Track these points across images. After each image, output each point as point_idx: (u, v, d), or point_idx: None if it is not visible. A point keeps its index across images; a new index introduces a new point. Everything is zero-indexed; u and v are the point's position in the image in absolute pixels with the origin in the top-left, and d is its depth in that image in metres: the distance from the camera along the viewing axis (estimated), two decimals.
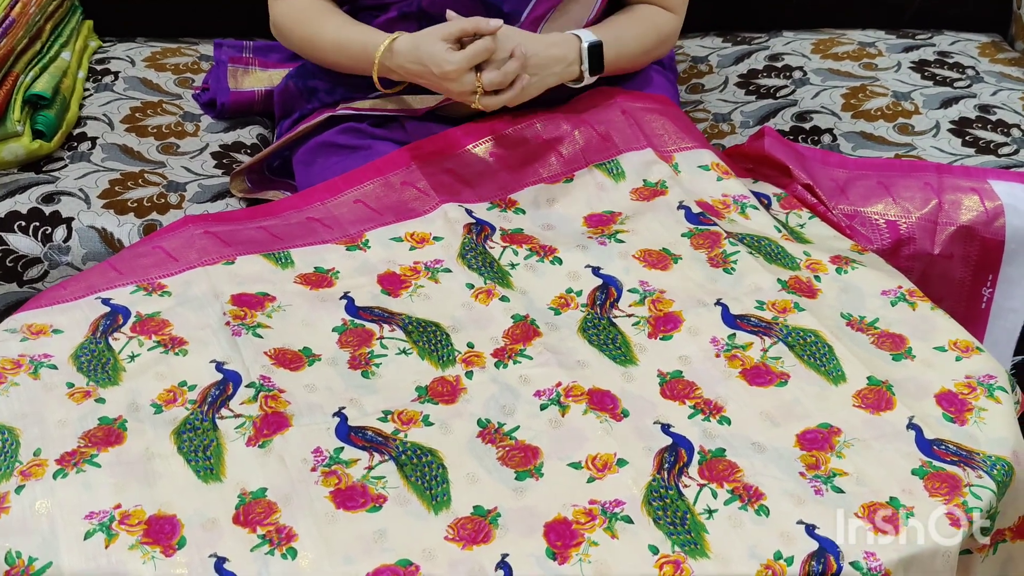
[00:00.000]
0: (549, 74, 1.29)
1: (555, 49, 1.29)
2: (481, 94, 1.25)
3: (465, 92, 1.25)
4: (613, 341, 1.10)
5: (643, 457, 0.97)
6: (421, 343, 1.10)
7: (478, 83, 1.24)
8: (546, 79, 1.29)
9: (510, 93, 1.26)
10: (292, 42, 1.41)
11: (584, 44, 1.31)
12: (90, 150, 1.50)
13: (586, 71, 1.32)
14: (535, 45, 1.28)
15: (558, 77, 1.31)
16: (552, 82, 1.31)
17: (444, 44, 1.23)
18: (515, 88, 1.26)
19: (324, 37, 1.35)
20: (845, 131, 1.55)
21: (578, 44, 1.31)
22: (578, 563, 0.88)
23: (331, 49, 1.35)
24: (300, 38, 1.39)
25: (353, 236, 1.23)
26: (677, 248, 1.21)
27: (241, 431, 0.99)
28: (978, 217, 1.33)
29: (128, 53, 1.73)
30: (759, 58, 1.76)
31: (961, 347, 1.09)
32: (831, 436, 1.00)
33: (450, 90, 1.26)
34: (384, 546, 0.89)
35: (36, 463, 0.95)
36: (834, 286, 1.17)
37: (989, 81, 1.66)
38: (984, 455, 0.97)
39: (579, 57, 1.31)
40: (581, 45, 1.31)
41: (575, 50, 1.31)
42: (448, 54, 1.23)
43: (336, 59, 1.36)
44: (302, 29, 1.38)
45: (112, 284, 1.15)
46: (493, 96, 1.26)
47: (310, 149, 1.41)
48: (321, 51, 1.37)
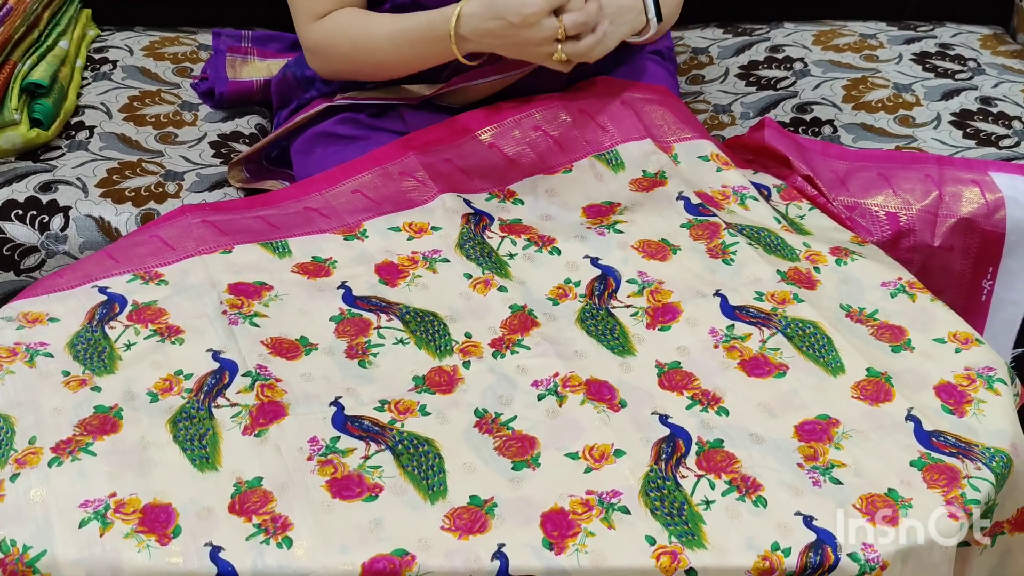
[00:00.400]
0: (623, 22, 1.26)
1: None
2: (564, 39, 1.20)
3: (547, 39, 1.19)
4: (611, 331, 1.10)
5: (641, 448, 0.97)
6: (418, 333, 1.10)
7: (560, 24, 1.19)
8: (621, 28, 1.26)
9: (593, 38, 1.21)
10: (337, 56, 1.35)
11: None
12: (88, 139, 1.49)
13: (652, 20, 1.28)
14: None
15: (630, 26, 1.27)
16: (625, 32, 1.27)
17: None
18: (597, 32, 1.21)
19: (379, 32, 1.30)
20: (846, 123, 1.55)
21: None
22: (575, 553, 0.88)
23: (389, 44, 1.30)
24: (350, 46, 1.32)
25: (351, 226, 1.23)
26: (676, 239, 1.21)
27: (237, 420, 0.99)
28: (979, 209, 1.33)
29: (126, 42, 1.72)
30: (760, 49, 1.76)
31: (961, 339, 1.08)
32: (829, 427, 0.99)
33: (529, 39, 1.20)
34: (380, 535, 0.89)
35: (31, 451, 0.95)
36: (833, 277, 1.16)
37: (990, 73, 1.65)
38: (983, 447, 0.97)
39: (643, 5, 1.28)
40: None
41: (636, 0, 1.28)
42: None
43: (395, 53, 1.30)
44: (350, 35, 1.32)
45: (109, 273, 1.15)
46: (575, 42, 1.20)
47: (308, 139, 1.41)
48: (377, 51, 1.31)
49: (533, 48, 1.22)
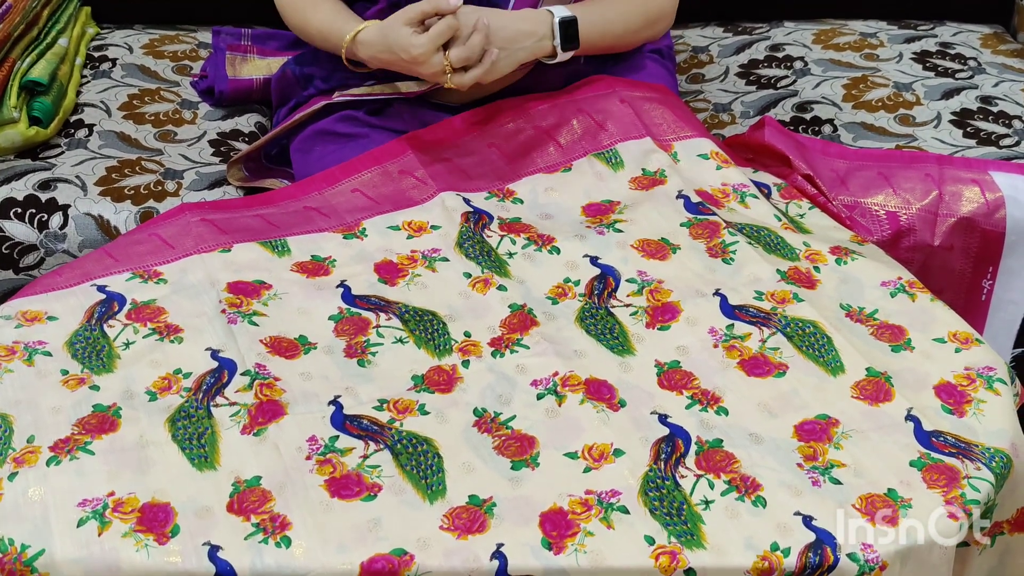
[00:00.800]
0: (519, 48, 1.29)
1: (524, 23, 1.29)
2: (451, 72, 1.25)
3: (437, 73, 1.25)
4: (611, 331, 1.10)
5: (640, 447, 0.97)
6: (418, 332, 1.09)
7: (447, 62, 1.24)
8: (516, 53, 1.29)
9: (479, 69, 1.26)
10: (288, 23, 1.43)
11: (556, 19, 1.29)
12: (87, 137, 1.49)
13: (558, 46, 1.30)
14: (502, 19, 1.27)
15: (529, 52, 1.30)
16: (523, 56, 1.30)
17: (409, 28, 1.24)
18: (484, 63, 1.26)
19: (311, 24, 1.37)
20: (846, 121, 1.54)
21: (550, 19, 1.30)
22: (573, 553, 0.88)
23: (317, 37, 1.37)
24: (293, 23, 1.41)
25: (350, 225, 1.23)
26: (676, 238, 1.21)
27: (236, 419, 0.99)
28: (979, 209, 1.32)
29: (126, 40, 1.72)
30: (760, 48, 1.75)
31: (960, 339, 1.08)
32: (829, 427, 0.99)
33: (422, 73, 1.27)
34: (379, 535, 0.89)
35: (29, 450, 0.95)
36: (833, 277, 1.16)
37: (991, 72, 1.65)
38: (983, 447, 0.97)
39: (551, 32, 1.29)
40: (553, 20, 1.30)
41: (547, 24, 1.30)
42: (413, 38, 1.23)
43: (322, 45, 1.38)
44: (292, 15, 1.40)
45: (108, 271, 1.15)
46: (463, 73, 1.26)
47: (307, 137, 1.40)
48: (311, 37, 1.39)
49: (427, 75, 1.28)
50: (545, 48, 1.31)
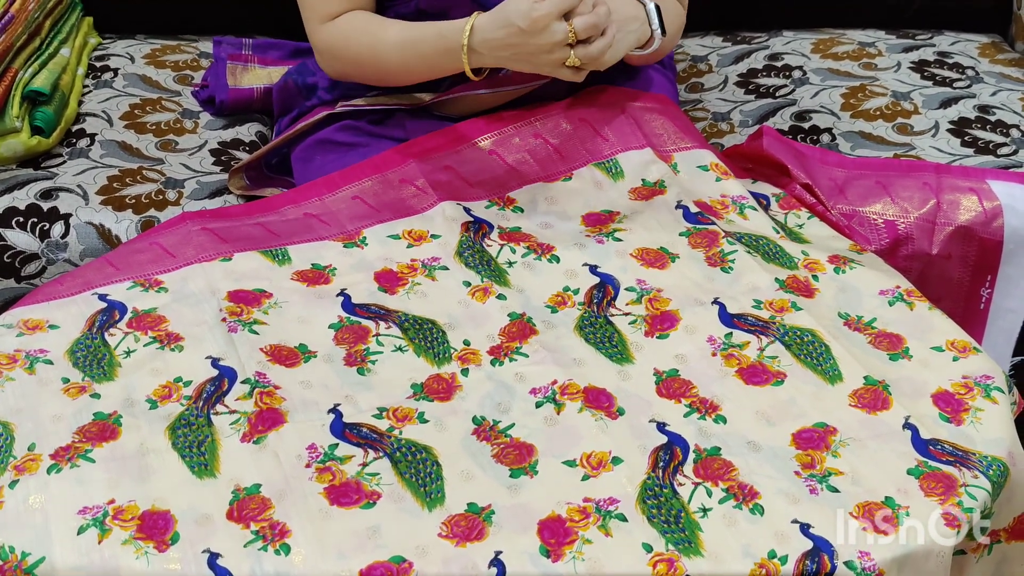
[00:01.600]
0: (630, 30, 1.27)
1: (627, 7, 1.28)
2: (575, 43, 1.20)
3: (557, 43, 1.19)
4: (610, 339, 1.10)
5: (638, 455, 0.97)
6: (417, 340, 1.10)
7: (570, 29, 1.19)
8: (628, 36, 1.27)
9: (603, 40, 1.21)
10: (347, 59, 1.35)
11: (650, 5, 1.30)
12: (89, 147, 1.50)
13: (657, 32, 1.30)
14: (611, 2, 1.24)
15: (636, 35, 1.28)
16: (632, 40, 1.28)
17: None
18: (607, 35, 1.21)
19: (387, 40, 1.30)
20: (844, 131, 1.55)
21: (643, 6, 1.30)
22: (571, 561, 0.88)
23: (396, 52, 1.30)
24: (358, 50, 1.32)
25: (351, 233, 1.23)
26: (675, 247, 1.21)
27: (236, 427, 0.99)
28: (976, 217, 1.33)
29: (128, 50, 1.73)
30: (759, 57, 1.76)
31: (958, 347, 1.08)
32: (827, 435, 0.99)
33: (540, 46, 1.20)
34: (378, 543, 0.89)
35: (30, 458, 0.95)
36: (832, 285, 1.17)
37: (989, 81, 1.65)
38: (980, 455, 0.97)
39: (647, 16, 1.29)
40: (647, 6, 1.30)
41: (642, 10, 1.29)
42: (535, 3, 1.18)
43: (402, 61, 1.30)
44: (360, 39, 1.32)
45: (109, 280, 1.15)
46: (586, 46, 1.20)
47: (308, 146, 1.41)
48: (384, 58, 1.31)
49: (544, 56, 1.21)
50: (646, 33, 1.30)
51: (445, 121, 1.39)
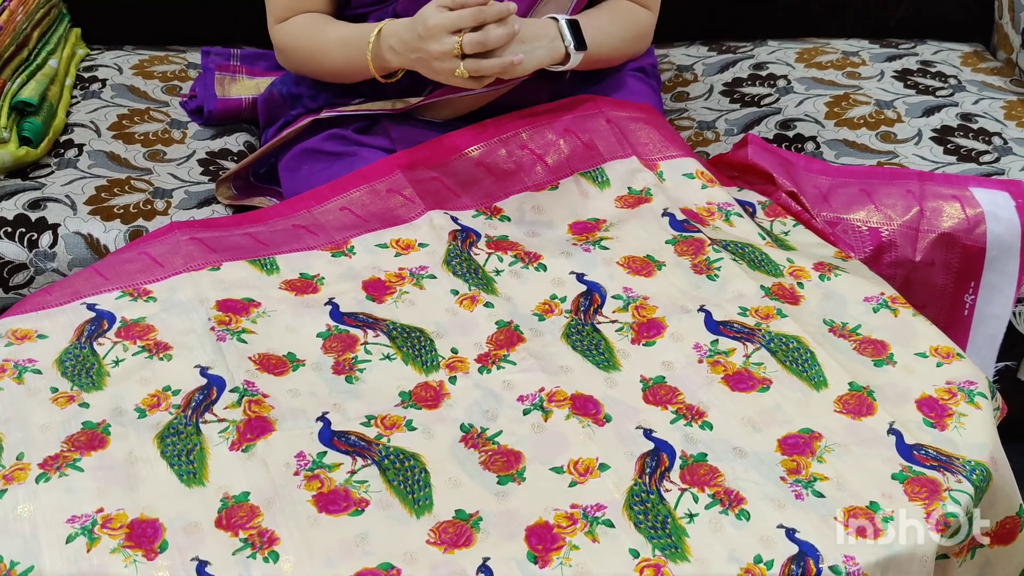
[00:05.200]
0: (536, 47, 1.28)
1: (535, 27, 1.29)
2: (461, 56, 1.23)
3: (445, 53, 1.23)
4: (596, 347, 1.11)
5: (625, 462, 0.98)
6: (405, 348, 1.10)
7: (458, 41, 1.22)
8: (535, 52, 1.28)
9: (497, 60, 1.24)
10: (296, 57, 1.41)
11: (562, 21, 1.31)
12: (77, 157, 1.50)
13: (571, 46, 1.30)
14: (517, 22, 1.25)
15: (546, 51, 1.29)
16: (541, 56, 1.29)
17: (436, 6, 1.23)
18: (502, 55, 1.24)
19: (330, 38, 1.36)
20: (828, 139, 1.56)
21: (556, 23, 1.31)
22: (559, 567, 0.89)
23: (337, 49, 1.35)
24: (307, 48, 1.38)
25: (339, 243, 1.24)
26: (661, 255, 1.22)
27: (225, 435, 0.99)
28: (959, 224, 1.34)
29: (116, 61, 1.73)
30: (744, 67, 1.77)
31: (942, 353, 1.09)
32: (812, 441, 1.00)
33: (431, 52, 1.24)
34: (366, 549, 0.89)
35: (19, 467, 0.95)
36: (817, 292, 1.18)
37: (971, 90, 1.67)
38: (963, 460, 0.98)
39: (559, 34, 1.30)
40: (559, 23, 1.31)
41: (554, 28, 1.31)
42: (436, 11, 1.22)
43: (343, 59, 1.35)
44: (308, 39, 1.38)
45: (98, 289, 1.15)
46: (477, 60, 1.23)
47: (295, 155, 1.42)
48: (329, 55, 1.36)
49: (436, 63, 1.24)
50: (558, 50, 1.30)
51: (430, 128, 1.40)
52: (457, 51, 1.23)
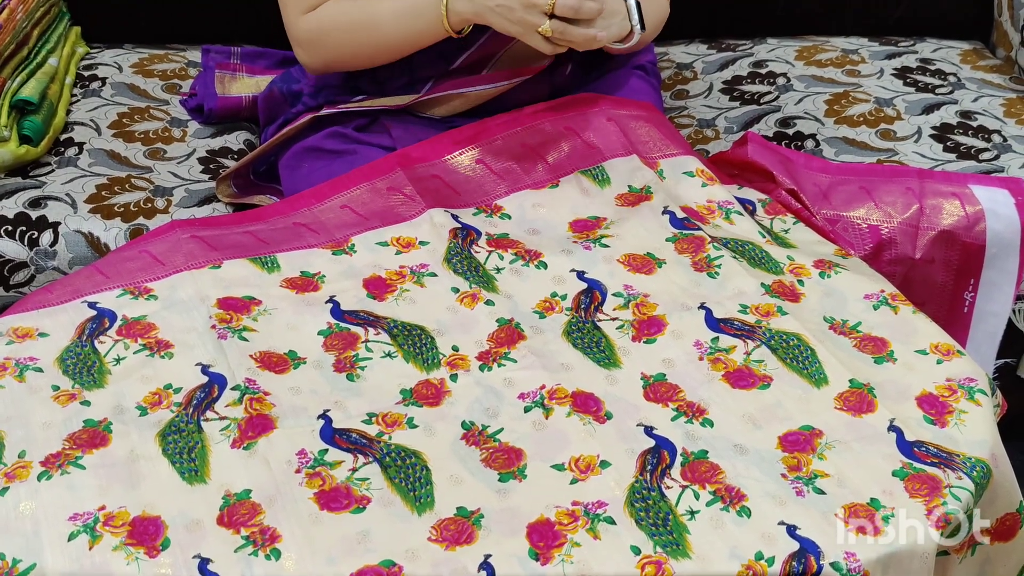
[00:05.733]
0: (612, 23, 1.27)
1: (614, 2, 1.28)
2: (551, 15, 1.22)
3: (536, 5, 1.21)
4: (597, 344, 1.11)
5: (626, 459, 0.98)
6: (406, 346, 1.10)
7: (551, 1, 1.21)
8: (609, 29, 1.27)
9: (583, 29, 1.23)
10: (333, 43, 1.35)
11: (631, 1, 1.29)
12: (77, 155, 1.50)
13: (637, 27, 1.30)
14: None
15: (618, 28, 1.28)
16: (614, 33, 1.28)
17: None
18: (590, 26, 1.23)
19: (380, 9, 1.31)
20: (828, 136, 1.56)
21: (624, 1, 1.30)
22: (560, 564, 0.89)
23: (391, 18, 1.31)
24: (348, 29, 1.33)
25: (339, 240, 1.24)
26: (661, 252, 1.22)
27: (226, 433, 0.99)
28: (959, 222, 1.34)
29: (116, 59, 1.73)
30: (743, 64, 1.77)
31: (942, 350, 1.10)
32: (813, 438, 1.00)
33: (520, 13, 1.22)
34: (368, 547, 0.90)
35: (20, 465, 0.95)
36: (817, 290, 1.18)
37: (970, 87, 1.67)
38: (964, 457, 0.98)
39: (627, 11, 1.29)
40: (628, 2, 1.29)
41: (623, 4, 1.30)
42: None
43: (397, 28, 1.31)
44: (349, 17, 1.33)
45: (99, 288, 1.15)
46: (564, 23, 1.22)
47: (295, 154, 1.42)
48: (378, 29, 1.32)
49: (521, 13, 1.23)
50: (626, 28, 1.30)
51: (430, 125, 1.40)
52: (549, 8, 1.21)
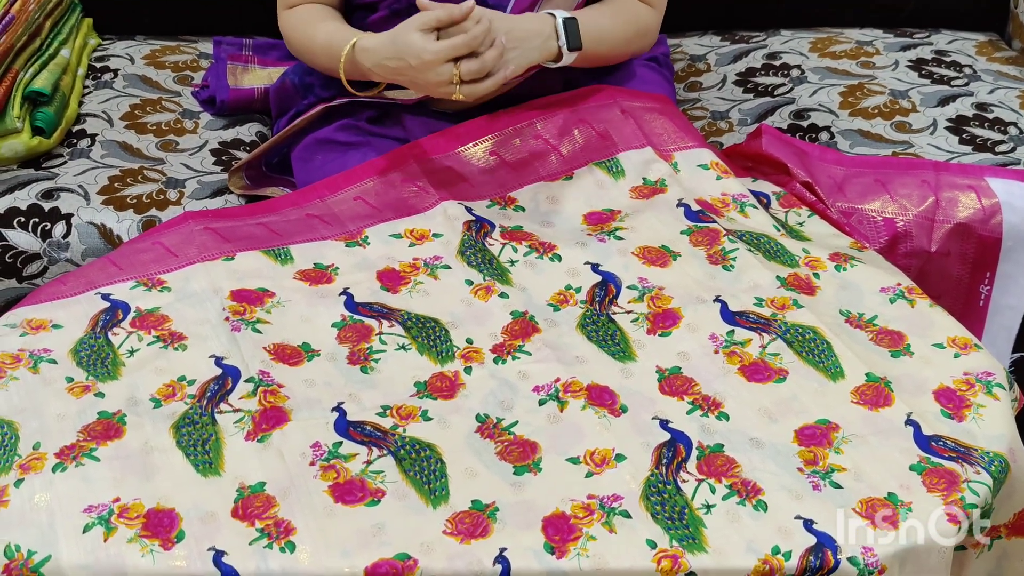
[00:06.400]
0: (529, 48, 1.28)
1: (530, 23, 1.29)
2: (459, 84, 1.24)
3: (443, 82, 1.24)
4: (612, 337, 1.11)
5: (641, 452, 0.98)
6: (420, 339, 1.10)
7: (456, 71, 1.23)
8: (527, 53, 1.28)
9: (491, 81, 1.25)
10: (293, 47, 1.43)
11: (559, 19, 1.30)
12: (89, 147, 1.50)
13: (563, 46, 1.29)
14: (509, 21, 1.27)
15: (538, 52, 1.29)
16: (534, 57, 1.29)
17: (421, 34, 1.23)
18: (496, 76, 1.25)
19: (316, 40, 1.36)
20: (843, 128, 1.55)
21: (553, 20, 1.30)
22: (576, 557, 0.89)
23: (321, 52, 1.36)
24: (299, 42, 1.40)
25: (352, 233, 1.24)
26: (676, 245, 1.22)
27: (240, 425, 0.99)
28: (975, 215, 1.33)
29: (127, 51, 1.73)
30: (757, 56, 1.77)
31: (960, 344, 1.09)
32: (829, 432, 1.00)
33: (428, 81, 1.24)
34: (382, 540, 0.89)
35: (35, 457, 0.95)
36: (833, 283, 1.17)
37: (986, 79, 1.66)
38: (982, 451, 0.97)
39: (555, 32, 1.30)
40: (556, 21, 1.30)
41: (550, 25, 1.30)
42: (427, 43, 1.22)
43: (327, 62, 1.36)
44: (299, 34, 1.40)
45: (112, 279, 1.15)
46: (474, 85, 1.24)
47: (308, 146, 1.41)
48: (315, 55, 1.38)
49: (433, 88, 1.26)
50: (551, 48, 1.30)
51: (443, 119, 1.39)
52: (456, 79, 1.23)
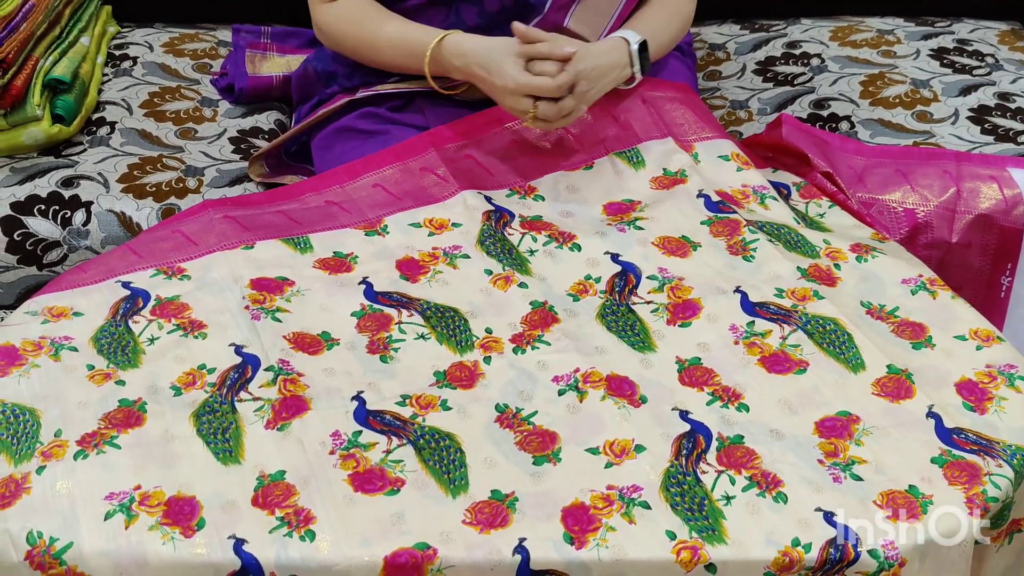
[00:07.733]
0: (605, 83, 1.30)
1: (608, 57, 1.29)
2: (532, 118, 1.25)
3: (518, 110, 1.26)
4: (631, 327, 1.10)
5: (661, 443, 0.97)
6: (439, 328, 1.10)
7: (533, 110, 1.24)
8: (602, 88, 1.30)
9: (561, 122, 1.27)
10: (344, 45, 1.40)
11: (634, 46, 1.31)
12: (109, 135, 1.50)
13: (638, 72, 1.32)
14: (590, 60, 1.27)
15: (613, 83, 1.31)
16: (608, 87, 1.31)
17: (514, 59, 1.25)
18: (568, 118, 1.27)
19: (381, 37, 1.35)
20: (863, 118, 1.54)
21: (627, 47, 1.31)
22: (595, 548, 0.88)
23: (388, 48, 1.35)
24: (356, 40, 1.37)
25: (372, 221, 1.24)
26: (696, 236, 1.21)
27: (260, 414, 0.99)
28: (996, 205, 1.32)
29: (146, 39, 1.73)
30: (777, 45, 1.75)
31: (982, 336, 1.08)
32: (850, 424, 0.99)
33: (504, 102, 1.27)
34: (402, 529, 0.89)
35: (57, 444, 0.96)
36: (854, 274, 1.17)
37: (1008, 69, 1.65)
38: (1004, 444, 0.97)
39: (630, 60, 1.31)
40: (631, 48, 1.31)
41: (626, 54, 1.31)
42: (516, 72, 1.24)
43: (392, 58, 1.35)
44: (357, 31, 1.37)
45: (132, 267, 1.16)
46: (546, 122, 1.26)
47: (328, 134, 1.41)
48: (378, 52, 1.36)
49: (507, 108, 1.28)
50: (626, 75, 1.32)
51: (465, 109, 1.39)
52: (531, 113, 1.25)
